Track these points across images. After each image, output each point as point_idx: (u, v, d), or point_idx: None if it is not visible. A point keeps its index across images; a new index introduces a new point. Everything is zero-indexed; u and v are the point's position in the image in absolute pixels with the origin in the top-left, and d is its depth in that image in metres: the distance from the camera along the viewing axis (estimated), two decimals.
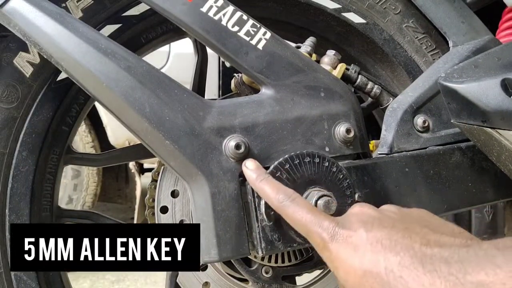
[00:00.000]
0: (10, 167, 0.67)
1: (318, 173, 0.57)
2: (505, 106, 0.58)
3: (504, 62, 0.64)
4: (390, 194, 0.62)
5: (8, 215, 0.66)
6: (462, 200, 0.67)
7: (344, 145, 0.62)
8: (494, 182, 0.69)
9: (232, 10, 0.59)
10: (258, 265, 0.75)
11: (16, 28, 0.55)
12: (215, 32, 0.59)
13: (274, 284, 0.75)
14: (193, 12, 0.58)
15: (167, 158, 0.57)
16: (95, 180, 2.36)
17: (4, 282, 0.66)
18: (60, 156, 0.74)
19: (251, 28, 0.60)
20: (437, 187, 0.65)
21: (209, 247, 0.55)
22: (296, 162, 0.56)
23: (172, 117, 0.55)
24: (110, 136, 2.19)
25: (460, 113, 0.62)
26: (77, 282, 2.09)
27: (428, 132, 0.69)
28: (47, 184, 0.72)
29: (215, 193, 0.55)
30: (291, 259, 0.77)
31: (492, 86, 0.59)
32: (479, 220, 0.91)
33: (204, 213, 0.55)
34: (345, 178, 0.58)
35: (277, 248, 0.55)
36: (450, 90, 0.63)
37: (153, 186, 0.78)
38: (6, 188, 0.67)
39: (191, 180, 0.57)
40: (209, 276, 0.74)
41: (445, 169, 0.66)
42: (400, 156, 0.65)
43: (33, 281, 0.67)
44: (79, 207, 2.30)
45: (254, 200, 0.55)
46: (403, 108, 0.68)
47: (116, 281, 2.15)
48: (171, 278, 0.75)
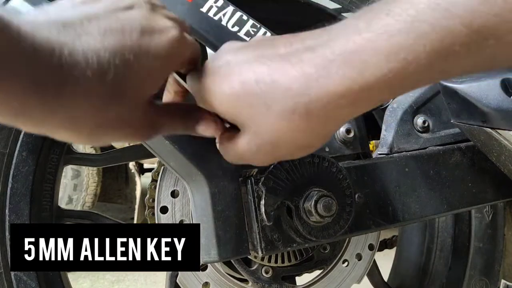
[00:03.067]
0: (10, 167, 0.67)
1: (318, 173, 0.57)
2: (504, 106, 0.58)
3: None
4: (390, 194, 0.62)
5: (8, 215, 0.67)
6: (462, 200, 0.67)
7: (344, 145, 0.62)
8: (494, 182, 0.69)
9: (232, 10, 0.60)
10: (258, 265, 0.75)
11: None
12: (215, 32, 0.59)
13: (274, 284, 0.75)
14: (193, 12, 0.58)
15: (166, 158, 0.57)
16: (95, 180, 2.36)
17: (4, 282, 0.66)
18: (60, 156, 0.74)
19: (251, 28, 0.60)
20: (437, 187, 0.65)
21: (209, 247, 0.55)
22: (296, 162, 0.56)
23: None
24: None
25: (460, 113, 0.63)
26: (77, 282, 2.09)
27: (428, 132, 0.69)
28: (47, 184, 0.73)
29: (214, 193, 0.55)
30: (291, 259, 0.77)
31: (492, 86, 0.60)
32: (479, 220, 0.91)
33: (204, 213, 0.56)
34: (344, 178, 0.58)
35: (277, 248, 0.56)
36: (450, 90, 0.63)
37: (153, 186, 0.78)
38: (6, 188, 0.67)
39: (191, 180, 0.57)
40: (209, 276, 0.74)
41: (445, 169, 0.66)
42: (400, 156, 0.65)
43: (33, 281, 0.68)
44: (79, 207, 2.30)
45: (254, 200, 0.55)
46: (403, 108, 0.68)
47: (116, 281, 2.15)
48: (171, 278, 0.75)
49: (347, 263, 0.80)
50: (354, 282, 0.81)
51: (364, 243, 0.81)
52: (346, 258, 0.80)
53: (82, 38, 0.32)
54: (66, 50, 0.31)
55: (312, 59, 0.35)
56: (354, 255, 0.80)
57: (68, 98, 0.32)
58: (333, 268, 0.79)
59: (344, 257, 0.80)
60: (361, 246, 0.81)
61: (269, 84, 0.36)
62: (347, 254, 0.80)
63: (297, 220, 0.55)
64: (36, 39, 0.29)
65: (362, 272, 0.81)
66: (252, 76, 0.37)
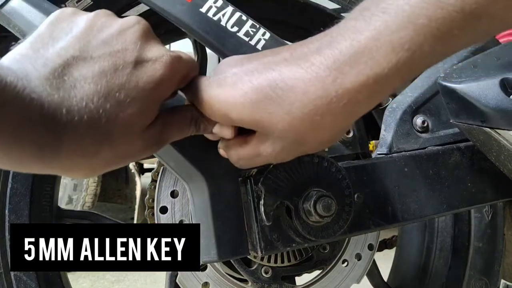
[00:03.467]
0: None
1: (317, 173, 0.57)
2: (504, 106, 0.58)
3: (503, 62, 0.64)
4: (389, 194, 0.63)
5: (8, 215, 0.67)
6: (461, 200, 0.67)
7: (343, 145, 0.62)
8: (494, 182, 0.69)
9: (231, 11, 0.60)
10: (258, 265, 0.75)
11: (15, 28, 0.56)
12: (214, 33, 0.59)
13: (273, 284, 0.75)
14: (192, 12, 0.58)
15: (166, 158, 0.57)
16: (95, 180, 2.36)
17: (4, 282, 0.66)
18: None
19: (250, 28, 0.60)
20: (436, 187, 0.65)
21: (209, 247, 0.55)
22: (295, 162, 0.56)
23: None
24: None
25: (459, 113, 0.63)
26: (77, 282, 2.09)
27: (427, 132, 0.69)
28: (47, 184, 0.73)
29: (214, 193, 0.55)
30: (291, 259, 0.77)
31: (491, 86, 0.60)
32: (479, 220, 0.91)
33: (204, 213, 0.56)
34: (344, 178, 0.58)
35: (276, 248, 0.56)
36: (449, 90, 0.63)
37: (152, 186, 0.78)
38: (6, 188, 0.67)
39: (190, 180, 0.57)
40: (209, 276, 0.74)
41: (444, 169, 0.66)
42: (399, 156, 0.65)
43: (33, 281, 0.68)
44: (79, 207, 2.30)
45: (253, 200, 0.55)
46: (402, 108, 0.68)
47: (116, 281, 2.15)
48: (171, 278, 0.75)
49: (347, 263, 0.80)
50: (353, 282, 0.81)
51: (364, 243, 0.81)
52: (346, 258, 0.80)
53: (76, 88, 0.32)
54: (64, 109, 0.31)
55: (323, 62, 0.36)
56: (353, 255, 0.81)
57: (64, 154, 0.32)
58: (332, 268, 0.79)
59: (344, 257, 0.80)
60: (360, 246, 0.81)
61: (284, 89, 0.37)
62: (346, 254, 0.80)
63: (296, 220, 0.55)
64: (34, 102, 0.29)
65: (362, 272, 0.81)
66: (264, 83, 0.38)
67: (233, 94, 0.39)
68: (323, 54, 0.37)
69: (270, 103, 0.37)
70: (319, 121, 0.37)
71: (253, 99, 0.38)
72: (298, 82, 0.37)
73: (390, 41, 0.34)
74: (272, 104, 0.37)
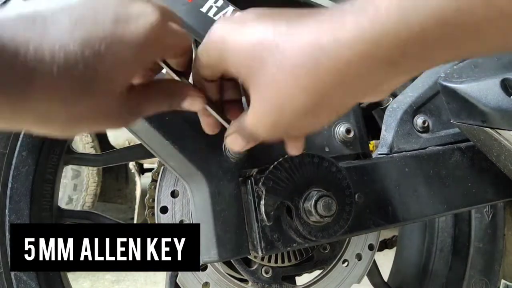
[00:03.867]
0: (10, 167, 0.67)
1: (318, 173, 0.57)
2: (504, 106, 0.58)
3: (503, 62, 0.65)
4: (390, 194, 0.62)
5: (8, 215, 0.67)
6: (461, 200, 0.67)
7: (343, 145, 0.62)
8: (494, 182, 0.69)
9: (232, 11, 0.60)
10: (258, 265, 0.75)
11: None
12: None
13: (274, 284, 0.75)
14: (193, 12, 0.58)
15: (166, 158, 0.57)
16: (95, 180, 2.35)
17: (4, 282, 0.66)
18: (60, 156, 0.74)
19: None
20: (436, 187, 0.65)
21: (209, 247, 0.55)
22: (296, 162, 0.56)
23: (172, 117, 0.55)
24: (110, 136, 2.19)
25: (460, 113, 0.63)
26: (77, 282, 2.09)
27: (428, 132, 0.69)
28: (47, 184, 0.72)
29: (214, 193, 0.55)
30: (291, 259, 0.77)
31: (492, 86, 0.60)
32: (479, 220, 0.91)
33: (204, 213, 0.56)
34: (344, 178, 0.58)
35: (276, 248, 0.56)
36: (450, 90, 0.63)
37: (153, 186, 0.78)
38: (6, 188, 0.67)
39: (191, 180, 0.57)
40: (209, 276, 0.74)
41: (444, 169, 0.66)
42: (400, 156, 0.65)
43: (33, 281, 0.68)
44: (79, 207, 2.30)
45: (254, 200, 0.55)
46: (403, 108, 0.68)
47: (116, 281, 2.15)
48: (171, 278, 0.75)
49: (347, 263, 0.80)
50: (354, 282, 0.81)
51: (364, 243, 0.81)
52: (346, 258, 0.80)
53: (50, 31, 0.31)
54: (31, 47, 0.30)
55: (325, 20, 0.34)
56: (354, 255, 0.80)
57: (35, 96, 0.31)
58: (333, 268, 0.79)
59: (344, 257, 0.80)
60: (361, 246, 0.81)
61: (283, 37, 0.35)
62: (347, 254, 0.80)
63: (297, 220, 0.55)
64: (1, 39, 0.29)
65: (362, 272, 0.81)
66: (271, 29, 0.36)
67: (242, 32, 0.37)
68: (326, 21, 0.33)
69: (267, 51, 0.35)
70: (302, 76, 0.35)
71: (255, 42, 0.36)
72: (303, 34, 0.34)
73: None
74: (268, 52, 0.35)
